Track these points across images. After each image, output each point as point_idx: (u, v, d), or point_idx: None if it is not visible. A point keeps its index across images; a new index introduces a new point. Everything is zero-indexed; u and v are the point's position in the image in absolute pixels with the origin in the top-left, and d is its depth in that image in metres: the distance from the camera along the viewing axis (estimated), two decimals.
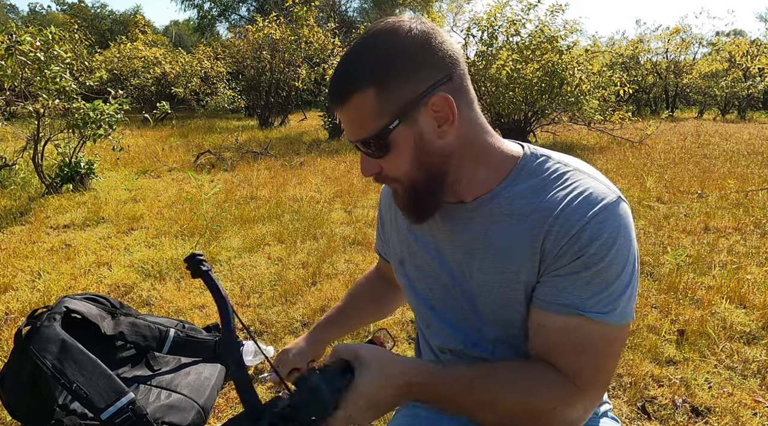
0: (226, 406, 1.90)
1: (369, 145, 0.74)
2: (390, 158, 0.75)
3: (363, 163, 0.78)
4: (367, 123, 0.72)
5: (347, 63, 0.73)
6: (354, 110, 0.72)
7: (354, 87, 0.71)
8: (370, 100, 0.71)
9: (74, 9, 25.83)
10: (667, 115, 15.76)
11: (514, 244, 0.77)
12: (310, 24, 9.92)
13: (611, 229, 0.70)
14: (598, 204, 0.71)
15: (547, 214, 0.74)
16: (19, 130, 7.37)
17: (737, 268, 3.09)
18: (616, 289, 0.71)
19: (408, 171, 0.76)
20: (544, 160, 0.80)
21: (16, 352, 1.64)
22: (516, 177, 0.79)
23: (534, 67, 7.82)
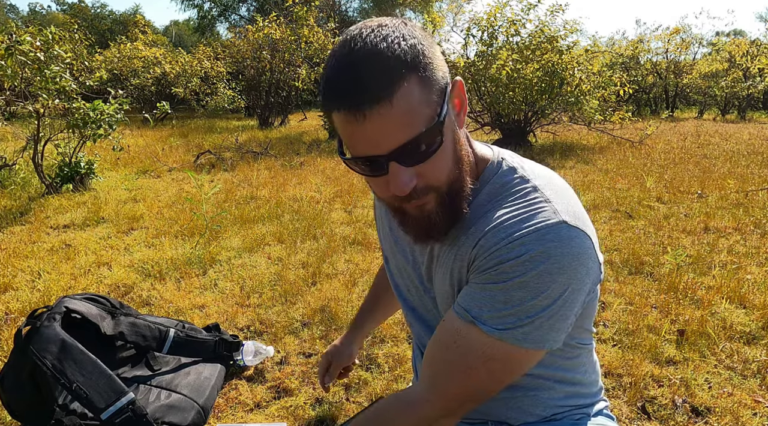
0: (226, 406, 1.90)
1: (423, 141, 0.63)
2: (437, 156, 0.66)
3: (402, 178, 0.65)
4: (418, 115, 0.62)
5: (371, 57, 0.61)
6: (403, 104, 0.61)
7: (398, 76, 0.61)
8: (416, 88, 0.62)
9: (74, 9, 25.84)
10: (667, 115, 15.76)
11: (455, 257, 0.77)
12: (310, 24, 9.92)
13: (537, 251, 0.66)
14: (531, 225, 0.67)
15: (481, 229, 0.72)
16: (19, 130, 7.37)
17: (737, 268, 3.09)
18: (524, 312, 0.67)
19: (450, 169, 0.69)
20: (508, 171, 0.77)
21: (16, 352, 1.65)
22: (482, 185, 0.77)
23: (534, 67, 7.82)
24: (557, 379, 0.87)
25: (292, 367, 2.14)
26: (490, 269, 0.69)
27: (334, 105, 0.63)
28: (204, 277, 3.06)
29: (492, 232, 0.70)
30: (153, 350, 2.00)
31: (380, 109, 0.60)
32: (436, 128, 0.64)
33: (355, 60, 0.62)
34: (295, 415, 1.84)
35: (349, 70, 0.62)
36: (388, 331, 2.37)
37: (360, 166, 0.67)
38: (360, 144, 0.64)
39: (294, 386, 2.00)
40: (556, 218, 0.68)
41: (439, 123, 0.64)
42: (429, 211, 0.71)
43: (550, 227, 0.67)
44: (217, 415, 1.85)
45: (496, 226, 0.70)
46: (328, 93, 0.64)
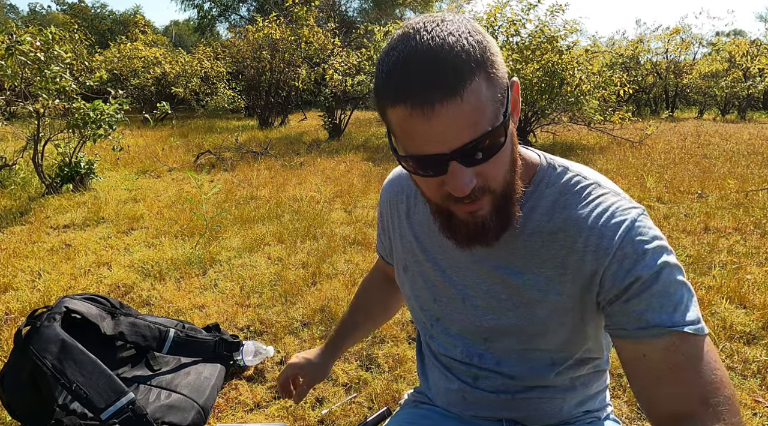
0: (226, 406, 1.90)
1: (485, 142, 0.61)
2: (498, 157, 0.64)
3: (461, 177, 0.62)
4: (485, 113, 0.60)
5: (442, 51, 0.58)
6: (472, 100, 0.58)
7: (468, 72, 0.58)
8: (484, 86, 0.59)
9: (74, 9, 25.83)
10: (667, 115, 15.76)
11: (540, 264, 0.75)
12: (310, 24, 9.92)
13: (647, 239, 0.68)
14: (627, 218, 0.69)
15: (577, 232, 0.72)
16: (19, 130, 7.37)
17: (737, 268, 3.09)
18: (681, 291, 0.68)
19: (506, 171, 0.67)
20: (562, 171, 0.77)
21: (16, 352, 1.65)
22: (535, 190, 0.76)
23: (534, 67, 7.82)
24: (582, 383, 0.88)
25: None
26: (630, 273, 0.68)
27: (399, 99, 0.59)
28: (204, 277, 3.06)
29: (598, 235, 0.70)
30: (153, 350, 2.00)
31: (450, 104, 0.57)
32: (501, 127, 0.62)
33: (424, 54, 0.58)
34: (295, 415, 1.84)
35: (416, 63, 0.58)
36: (388, 331, 2.37)
37: (417, 164, 0.64)
38: (422, 141, 0.61)
39: None
40: (638, 207, 0.72)
41: (505, 122, 0.62)
42: (482, 216, 0.69)
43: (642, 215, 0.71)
44: (217, 415, 1.85)
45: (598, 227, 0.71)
46: (390, 86, 0.60)
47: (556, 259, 0.74)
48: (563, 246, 0.73)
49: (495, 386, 0.87)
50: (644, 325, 0.67)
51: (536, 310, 0.77)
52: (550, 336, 0.78)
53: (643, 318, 0.67)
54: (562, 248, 0.73)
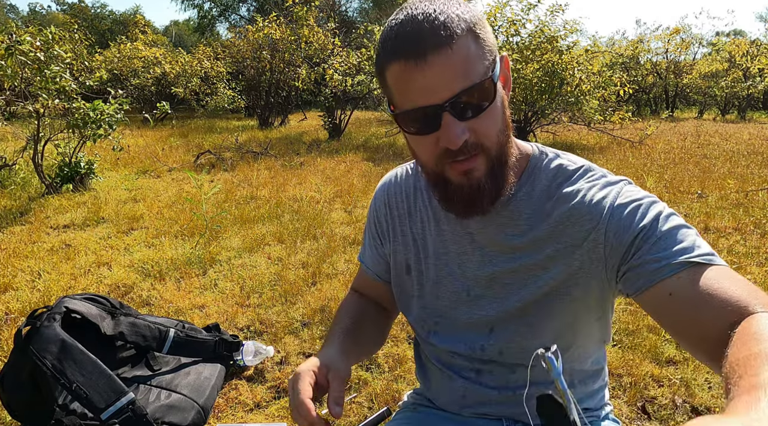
0: (226, 406, 1.90)
1: (472, 96, 0.66)
2: (487, 114, 0.68)
3: (453, 129, 0.66)
4: (473, 68, 0.65)
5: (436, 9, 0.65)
6: (460, 54, 0.64)
7: (458, 28, 0.64)
8: (473, 43, 0.66)
9: (74, 9, 25.83)
10: (667, 115, 15.76)
11: (542, 245, 0.78)
12: (310, 24, 9.92)
13: (635, 197, 0.73)
14: (615, 185, 0.76)
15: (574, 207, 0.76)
16: (19, 130, 7.37)
17: (737, 268, 3.09)
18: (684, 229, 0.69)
19: (498, 132, 0.70)
20: (554, 157, 0.81)
21: (16, 352, 1.65)
22: (530, 177, 0.80)
23: (534, 67, 7.82)
24: (581, 380, 0.89)
25: (292, 367, 2.14)
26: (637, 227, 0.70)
27: (395, 56, 0.66)
28: (204, 277, 3.06)
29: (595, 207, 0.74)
30: (153, 350, 2.00)
31: (441, 54, 0.63)
32: (490, 82, 0.66)
33: (417, 17, 0.65)
34: None
35: (411, 26, 0.65)
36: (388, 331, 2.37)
37: (412, 119, 0.69)
38: (416, 94, 0.66)
39: None
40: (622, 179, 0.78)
41: (493, 79, 0.67)
42: (477, 178, 0.71)
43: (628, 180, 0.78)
44: (217, 415, 1.85)
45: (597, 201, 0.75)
46: (388, 44, 0.67)
47: (553, 237, 0.77)
48: (560, 222, 0.76)
49: (497, 382, 0.87)
50: (658, 267, 0.67)
51: (539, 290, 0.79)
52: (553, 319, 0.80)
53: (655, 263, 0.67)
54: (559, 224, 0.76)
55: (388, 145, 8.65)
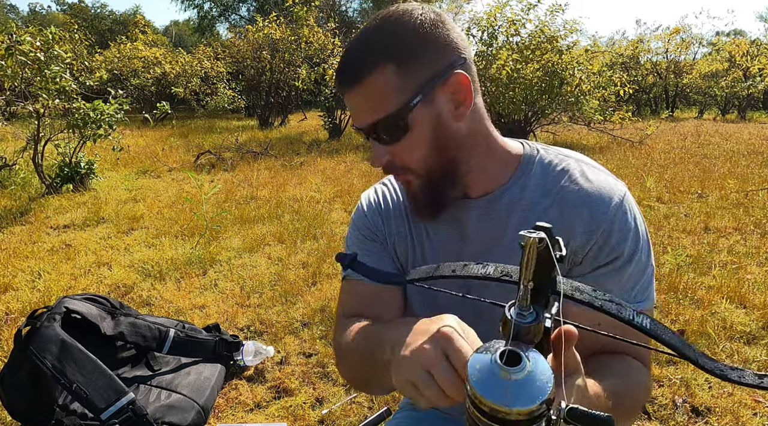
0: (226, 406, 1.90)
1: (385, 126, 0.70)
2: (406, 141, 0.71)
3: (376, 151, 0.74)
4: (386, 101, 0.69)
5: (360, 43, 0.71)
6: (371, 88, 0.69)
7: (372, 64, 0.68)
8: (389, 76, 0.68)
9: (74, 9, 25.84)
10: (667, 115, 15.76)
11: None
12: (310, 24, 9.92)
13: (632, 219, 0.75)
14: (615, 196, 0.75)
15: (570, 207, 0.76)
16: (19, 130, 7.37)
17: (737, 268, 3.09)
18: (647, 273, 0.75)
19: (424, 156, 0.73)
20: (544, 153, 0.82)
21: (16, 352, 1.65)
22: (523, 172, 0.80)
23: (534, 67, 7.82)
24: None
25: (292, 367, 2.14)
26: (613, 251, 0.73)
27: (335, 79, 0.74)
28: (204, 277, 3.06)
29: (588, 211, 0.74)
30: (153, 350, 2.00)
31: (352, 92, 0.71)
32: (400, 115, 0.69)
33: (350, 44, 0.72)
34: (295, 415, 1.84)
35: (344, 52, 0.73)
36: None
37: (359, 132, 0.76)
38: (351, 113, 0.75)
39: (294, 386, 2.00)
40: (621, 183, 0.79)
41: (406, 110, 0.69)
42: (414, 189, 0.77)
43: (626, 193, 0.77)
44: (217, 415, 1.85)
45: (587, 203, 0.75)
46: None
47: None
48: (555, 220, 0.76)
49: None
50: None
51: None
52: None
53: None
54: (555, 222, 0.76)
55: None
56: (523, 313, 0.44)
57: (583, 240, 0.74)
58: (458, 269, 0.57)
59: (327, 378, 2.06)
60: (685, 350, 0.48)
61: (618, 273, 0.74)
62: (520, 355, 0.41)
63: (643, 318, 0.46)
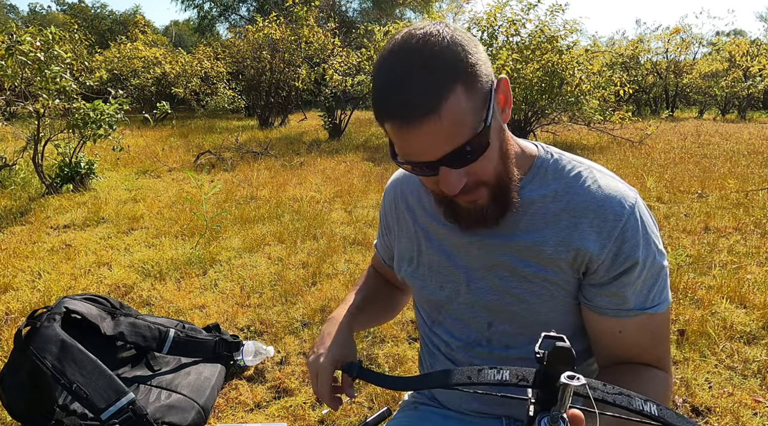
0: (226, 406, 1.90)
1: (469, 148, 0.66)
2: (483, 157, 0.69)
3: (450, 179, 0.68)
4: (465, 125, 0.65)
5: (415, 73, 0.64)
6: (450, 116, 0.63)
7: (444, 90, 0.63)
8: (462, 98, 0.64)
9: (74, 9, 25.83)
10: (667, 115, 15.75)
11: (542, 244, 0.78)
12: (310, 24, 9.92)
13: (646, 224, 0.76)
14: (627, 201, 0.76)
15: (581, 213, 0.76)
16: (19, 130, 7.37)
17: (737, 268, 3.09)
18: (662, 275, 0.77)
19: (497, 165, 0.72)
20: (558, 158, 0.82)
21: (16, 353, 1.65)
22: (535, 175, 0.80)
23: (534, 67, 7.82)
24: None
25: (292, 367, 2.14)
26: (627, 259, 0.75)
27: (387, 116, 0.67)
28: (204, 277, 3.06)
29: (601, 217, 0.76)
30: (153, 350, 2.00)
31: (428, 122, 0.63)
32: (482, 134, 0.67)
33: (403, 73, 0.64)
34: (295, 415, 1.84)
35: (397, 83, 0.65)
36: (389, 331, 2.37)
37: (412, 168, 0.70)
38: (411, 151, 0.68)
39: (294, 386, 2.00)
40: (632, 190, 0.79)
41: (486, 128, 0.66)
42: (482, 205, 0.75)
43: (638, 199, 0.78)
44: (217, 415, 1.85)
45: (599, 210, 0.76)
46: (379, 105, 0.68)
47: (558, 238, 0.78)
48: (567, 226, 0.77)
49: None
50: (627, 307, 0.76)
51: (536, 287, 0.80)
52: (550, 315, 0.81)
53: (627, 301, 0.76)
54: (566, 228, 0.77)
55: (388, 144, 8.64)
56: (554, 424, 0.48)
57: (596, 248, 0.75)
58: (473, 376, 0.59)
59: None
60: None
61: (634, 281, 0.75)
62: None
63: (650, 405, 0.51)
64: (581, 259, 0.76)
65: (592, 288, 0.78)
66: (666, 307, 0.78)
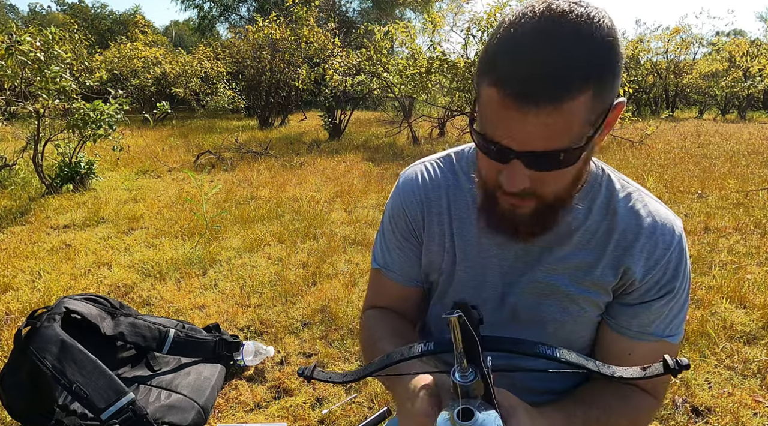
0: (226, 406, 1.90)
1: (561, 156, 0.60)
2: (562, 172, 0.63)
3: (517, 176, 0.62)
4: (573, 131, 0.58)
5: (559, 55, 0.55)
6: (567, 114, 0.56)
7: (576, 87, 0.55)
8: (587, 104, 0.57)
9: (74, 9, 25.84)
10: (667, 115, 15.75)
11: (592, 265, 0.76)
12: (310, 24, 9.92)
13: (686, 256, 0.76)
14: (676, 231, 0.75)
15: (633, 236, 0.75)
16: (19, 130, 7.37)
17: (737, 268, 3.09)
18: (685, 307, 0.78)
19: (568, 186, 0.67)
20: (612, 176, 0.79)
21: (16, 353, 1.65)
22: (589, 191, 0.77)
23: None
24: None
25: (292, 367, 2.14)
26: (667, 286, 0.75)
27: (498, 83, 0.57)
28: (204, 277, 3.06)
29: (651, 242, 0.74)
30: (153, 350, 2.00)
31: (544, 112, 0.56)
32: (580, 149, 0.60)
33: (542, 46, 0.55)
34: (295, 415, 1.84)
35: (536, 51, 0.55)
36: None
37: (485, 142, 0.63)
38: (501, 128, 0.60)
39: (294, 386, 2.00)
40: (678, 219, 0.78)
41: (587, 145, 0.61)
42: (522, 213, 0.69)
43: (682, 229, 0.77)
44: (217, 415, 1.85)
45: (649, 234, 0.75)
46: (495, 65, 0.58)
47: (609, 259, 0.76)
48: (616, 248, 0.76)
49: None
50: (648, 331, 0.76)
51: (575, 307, 0.78)
52: (581, 333, 0.81)
53: (650, 325, 0.76)
54: (617, 249, 0.76)
55: (388, 145, 8.64)
56: (465, 374, 0.53)
57: (641, 273, 0.75)
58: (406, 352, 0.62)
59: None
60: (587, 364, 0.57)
61: (662, 308, 0.76)
62: (471, 411, 0.53)
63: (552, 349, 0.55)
64: (624, 281, 0.76)
65: (621, 306, 0.77)
66: (680, 340, 0.78)
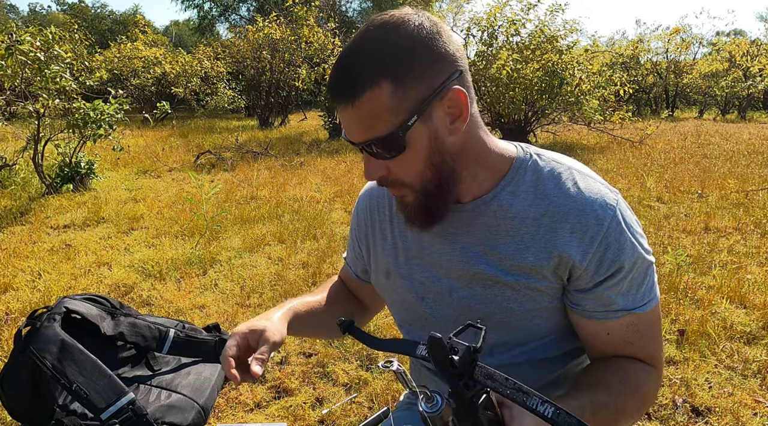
0: (226, 406, 1.90)
1: (381, 145, 0.69)
2: (402, 159, 0.71)
3: (369, 165, 0.73)
4: (381, 121, 0.67)
5: (353, 57, 0.68)
6: (366, 108, 0.67)
7: (367, 82, 0.66)
8: (385, 95, 0.66)
9: (74, 9, 25.87)
10: (667, 115, 15.75)
11: (523, 251, 0.76)
12: (310, 24, 9.92)
13: (629, 226, 0.75)
14: (609, 203, 0.74)
15: (561, 218, 0.74)
16: (19, 130, 7.38)
17: (737, 268, 3.09)
18: (648, 274, 0.76)
19: (420, 172, 0.73)
20: (538, 158, 0.80)
21: (16, 353, 1.64)
22: (514, 176, 0.78)
23: (534, 67, 7.82)
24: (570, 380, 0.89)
25: (292, 367, 2.14)
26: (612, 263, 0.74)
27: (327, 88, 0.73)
28: (204, 277, 3.06)
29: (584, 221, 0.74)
30: (153, 350, 2.00)
31: (347, 109, 0.68)
32: (396, 135, 0.68)
33: (343, 56, 0.70)
34: (295, 415, 1.84)
35: (340, 59, 0.70)
36: (389, 332, 2.37)
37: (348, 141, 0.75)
38: (344, 126, 0.73)
39: (294, 386, 2.00)
40: (614, 192, 0.77)
41: (403, 130, 0.68)
42: (408, 203, 0.77)
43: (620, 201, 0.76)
44: (217, 415, 1.85)
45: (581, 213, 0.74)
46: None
47: (540, 243, 0.75)
48: (547, 231, 0.75)
49: None
50: (614, 308, 0.76)
51: (519, 295, 0.78)
52: (536, 321, 0.80)
53: (614, 303, 0.75)
54: (546, 234, 0.75)
55: None
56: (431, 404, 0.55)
57: (579, 255, 0.73)
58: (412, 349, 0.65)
59: (327, 378, 2.07)
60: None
61: (620, 283, 0.74)
62: None
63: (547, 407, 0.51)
64: (564, 265, 0.75)
65: (578, 293, 0.76)
66: (655, 305, 0.77)
